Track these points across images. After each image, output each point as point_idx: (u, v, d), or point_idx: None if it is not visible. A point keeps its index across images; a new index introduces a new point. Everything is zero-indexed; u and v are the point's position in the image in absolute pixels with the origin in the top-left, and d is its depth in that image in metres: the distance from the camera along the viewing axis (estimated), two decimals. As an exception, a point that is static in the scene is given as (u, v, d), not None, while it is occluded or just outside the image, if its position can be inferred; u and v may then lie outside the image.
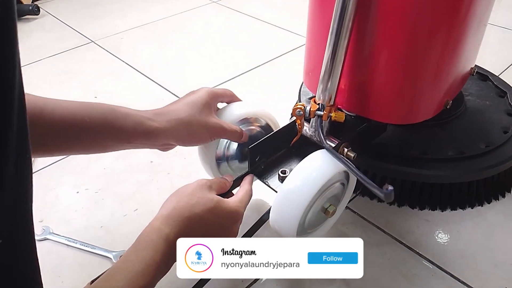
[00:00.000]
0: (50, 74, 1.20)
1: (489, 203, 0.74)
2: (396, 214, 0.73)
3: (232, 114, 0.63)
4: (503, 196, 0.75)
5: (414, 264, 0.65)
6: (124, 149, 0.57)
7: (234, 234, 0.55)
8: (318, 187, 0.53)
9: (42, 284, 0.38)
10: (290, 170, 0.63)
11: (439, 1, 0.54)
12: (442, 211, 0.73)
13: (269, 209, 0.57)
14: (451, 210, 0.73)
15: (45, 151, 0.51)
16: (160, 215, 0.49)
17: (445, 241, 0.69)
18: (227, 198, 0.55)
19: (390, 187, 0.45)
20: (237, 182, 0.61)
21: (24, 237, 0.33)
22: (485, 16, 0.65)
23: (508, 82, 0.88)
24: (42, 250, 0.69)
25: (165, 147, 0.59)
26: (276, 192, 0.61)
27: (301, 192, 0.53)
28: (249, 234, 0.59)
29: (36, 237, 0.70)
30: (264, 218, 0.59)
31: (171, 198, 0.52)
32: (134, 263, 0.44)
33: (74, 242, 0.69)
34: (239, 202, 0.55)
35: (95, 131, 0.51)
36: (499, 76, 0.91)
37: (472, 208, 0.73)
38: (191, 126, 0.56)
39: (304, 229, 0.58)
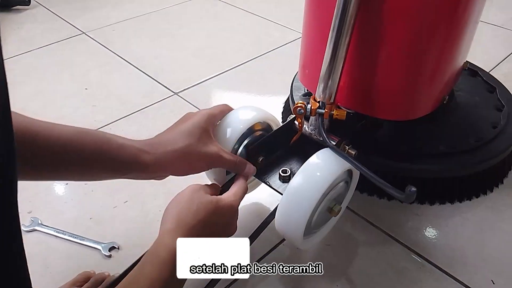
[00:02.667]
0: (41, 66, 1.19)
1: (477, 197, 0.75)
2: (386, 208, 0.73)
3: (235, 130, 0.61)
4: (491, 191, 0.76)
5: (403, 257, 0.65)
6: (118, 178, 0.54)
7: (234, 229, 0.55)
8: (326, 188, 0.53)
9: (28, 275, 0.38)
10: (291, 169, 0.63)
11: (441, 3, 0.55)
12: (431, 205, 0.73)
13: (273, 211, 0.57)
14: (440, 204, 0.74)
15: (37, 175, 0.49)
16: (164, 230, 0.48)
17: (434, 235, 0.69)
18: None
19: (413, 188, 0.44)
20: (229, 184, 0.60)
21: (9, 229, 0.33)
22: (480, 13, 0.66)
23: (498, 79, 0.89)
24: (31, 241, 0.68)
25: (161, 177, 0.57)
26: (278, 192, 0.61)
27: (309, 193, 0.53)
28: (254, 236, 0.57)
29: (25, 228, 0.69)
30: (268, 220, 0.58)
31: (170, 210, 0.50)
32: (142, 281, 0.43)
33: (63, 234, 0.69)
34: (233, 196, 0.54)
35: (89, 161, 0.49)
36: (490, 73, 0.92)
37: (460, 203, 0.74)
38: (189, 158, 0.53)
39: (310, 229, 0.58)
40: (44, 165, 0.48)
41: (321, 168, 0.54)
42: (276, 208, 0.56)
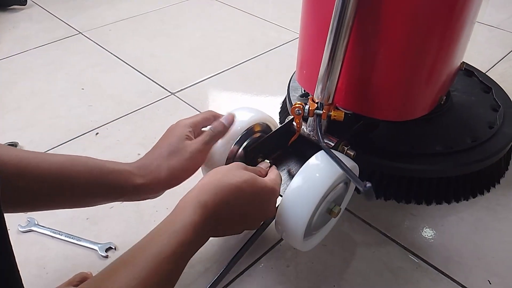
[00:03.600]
0: (37, 65, 1.18)
1: (474, 197, 0.75)
2: (382, 208, 0.74)
3: (233, 131, 0.62)
4: (488, 191, 0.76)
5: (399, 257, 0.66)
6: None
7: (272, 211, 0.55)
8: (325, 189, 0.53)
9: (19, 275, 0.37)
10: (289, 171, 0.64)
11: (438, 4, 0.55)
12: (428, 205, 0.74)
13: None
14: (437, 204, 0.74)
15: (30, 207, 0.51)
16: (195, 187, 0.49)
17: (430, 235, 0.69)
18: None
19: (368, 184, 0.45)
20: None
21: None
22: (476, 14, 0.66)
23: (494, 79, 0.90)
24: (27, 242, 0.68)
25: (156, 196, 0.59)
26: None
27: (309, 195, 0.53)
28: (254, 238, 0.58)
29: (21, 229, 0.69)
30: (267, 222, 0.58)
31: (205, 177, 0.51)
32: (174, 223, 0.44)
33: (59, 234, 0.69)
34: (274, 180, 0.55)
35: (81, 188, 0.51)
36: (486, 74, 0.92)
37: (457, 202, 0.74)
38: (174, 171, 0.55)
39: (310, 231, 0.58)
40: (36, 196, 0.49)
41: (321, 170, 0.54)
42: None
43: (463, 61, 0.74)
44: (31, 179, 0.47)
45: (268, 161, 0.62)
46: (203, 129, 0.62)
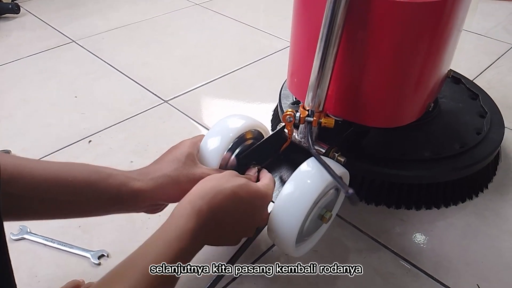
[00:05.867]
0: (30, 73, 1.18)
1: (463, 202, 0.76)
2: (372, 214, 0.74)
3: (225, 138, 0.62)
4: (476, 196, 0.78)
5: (389, 262, 0.66)
6: (109, 214, 0.54)
7: (265, 216, 0.56)
8: (317, 195, 0.54)
9: (15, 283, 0.38)
10: (281, 177, 0.65)
11: (425, 15, 0.56)
12: (417, 210, 0.75)
13: None
14: (426, 209, 0.75)
15: (23, 215, 0.50)
16: (190, 193, 0.49)
17: (420, 240, 0.70)
18: None
19: (351, 190, 0.46)
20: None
21: None
22: (463, 23, 0.68)
23: (482, 87, 0.91)
24: (19, 250, 0.68)
25: (153, 208, 0.59)
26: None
27: (300, 201, 0.53)
28: (246, 244, 0.58)
29: (13, 237, 0.69)
30: (260, 228, 0.59)
31: (199, 183, 0.51)
32: (169, 231, 0.45)
33: (51, 242, 0.69)
34: (267, 186, 0.56)
35: (78, 192, 0.50)
36: (473, 81, 0.94)
37: (446, 208, 0.75)
38: (177, 181, 0.54)
39: (302, 237, 0.59)
40: (30, 204, 0.48)
41: (311, 176, 0.55)
42: None
43: (450, 69, 0.75)
44: (25, 186, 0.46)
45: (256, 167, 0.63)
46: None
